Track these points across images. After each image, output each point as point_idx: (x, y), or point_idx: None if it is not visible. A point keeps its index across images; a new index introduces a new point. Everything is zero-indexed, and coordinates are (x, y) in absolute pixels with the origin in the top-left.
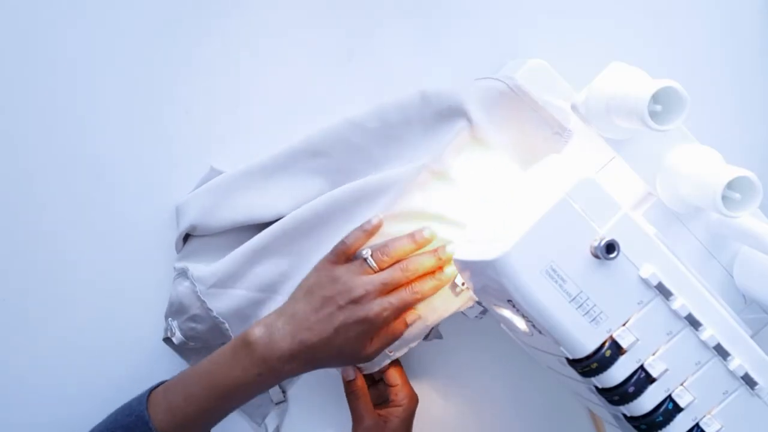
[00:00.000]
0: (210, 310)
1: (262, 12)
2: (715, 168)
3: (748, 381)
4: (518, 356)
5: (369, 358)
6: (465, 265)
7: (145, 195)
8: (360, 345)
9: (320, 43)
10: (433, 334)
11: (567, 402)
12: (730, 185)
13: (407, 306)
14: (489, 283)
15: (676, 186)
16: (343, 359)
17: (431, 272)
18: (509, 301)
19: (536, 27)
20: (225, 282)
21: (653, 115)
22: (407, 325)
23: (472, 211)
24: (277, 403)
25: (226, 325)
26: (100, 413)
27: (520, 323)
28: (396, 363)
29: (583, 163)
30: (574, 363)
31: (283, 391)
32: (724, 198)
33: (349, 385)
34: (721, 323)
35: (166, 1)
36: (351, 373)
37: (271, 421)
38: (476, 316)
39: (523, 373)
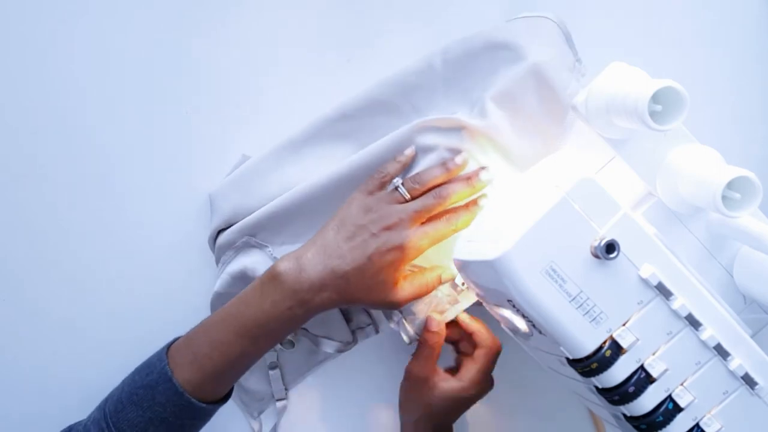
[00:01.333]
0: None
1: (262, 12)
2: (715, 168)
3: (748, 381)
4: (518, 356)
5: (399, 304)
6: (465, 265)
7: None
8: (391, 279)
9: (320, 43)
10: None
11: (567, 402)
12: (730, 185)
13: (442, 237)
14: (489, 282)
15: (676, 186)
16: (373, 295)
17: (465, 205)
18: (509, 301)
19: None
20: (291, 239)
21: (653, 115)
22: (441, 281)
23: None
24: (278, 400)
25: None
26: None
27: (520, 323)
28: (494, 344)
29: (583, 163)
30: (574, 363)
31: (286, 389)
32: (724, 198)
33: (428, 335)
34: (721, 323)
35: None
36: (435, 324)
37: (267, 418)
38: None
39: (523, 373)
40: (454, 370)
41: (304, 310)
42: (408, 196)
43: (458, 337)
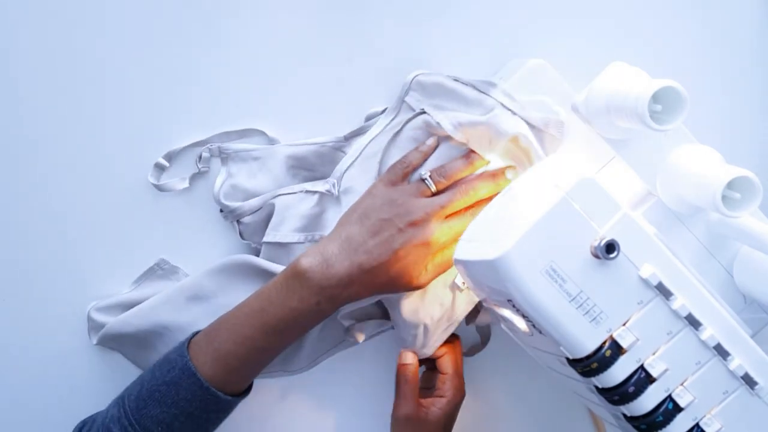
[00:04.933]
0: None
1: (261, 12)
2: (715, 168)
3: (748, 381)
4: (518, 356)
5: (422, 286)
6: (465, 265)
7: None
8: (417, 270)
9: (320, 43)
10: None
11: (567, 402)
12: (730, 185)
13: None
14: (489, 282)
15: (676, 186)
16: (399, 285)
17: (489, 199)
18: (509, 301)
19: (536, 27)
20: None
21: (653, 115)
22: None
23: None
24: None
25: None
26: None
27: (520, 323)
28: (454, 350)
29: (583, 163)
30: (574, 363)
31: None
32: (724, 198)
33: (402, 369)
34: (721, 323)
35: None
36: (409, 357)
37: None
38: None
39: (523, 373)
40: (429, 390)
41: (332, 304)
42: (434, 189)
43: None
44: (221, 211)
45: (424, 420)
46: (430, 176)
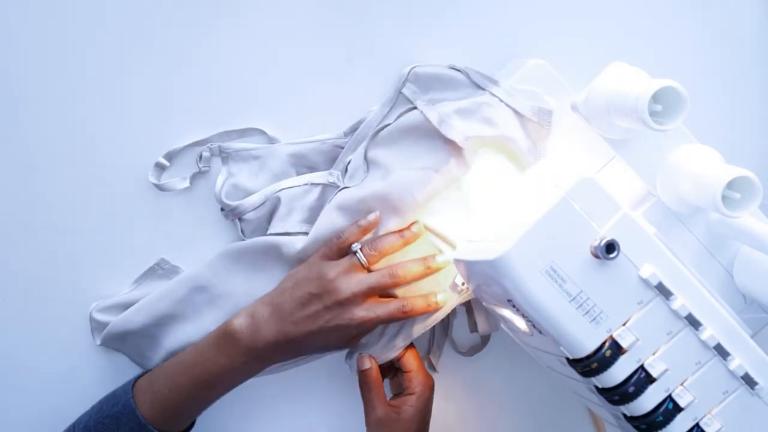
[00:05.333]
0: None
1: (261, 11)
2: (715, 168)
3: (748, 381)
4: (518, 356)
5: (352, 346)
6: (465, 265)
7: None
8: (342, 341)
9: (320, 43)
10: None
11: (567, 402)
12: (730, 185)
13: (392, 320)
14: (489, 282)
15: (676, 186)
16: (323, 351)
17: (424, 296)
18: (509, 301)
19: (536, 27)
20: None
21: (653, 115)
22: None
23: (463, 225)
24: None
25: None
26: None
27: (520, 323)
28: (411, 346)
29: (583, 163)
30: (574, 363)
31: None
32: (724, 198)
33: (362, 375)
34: (721, 323)
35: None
36: (366, 362)
37: None
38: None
39: (523, 373)
40: (399, 393)
41: (260, 364)
42: (366, 263)
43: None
44: (222, 210)
45: (397, 420)
46: (361, 249)
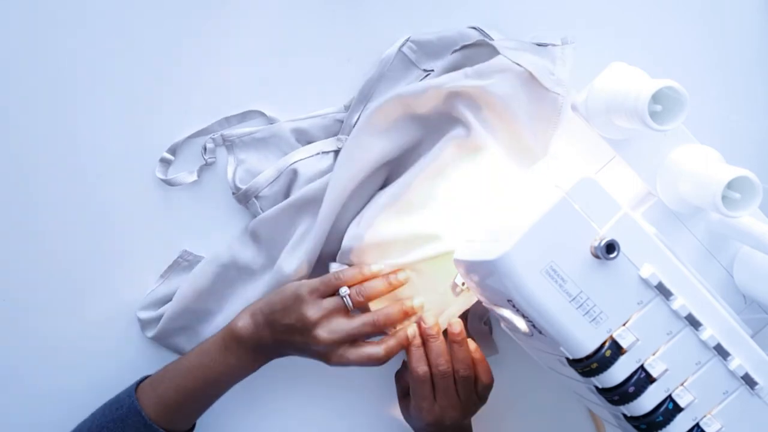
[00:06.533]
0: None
1: (261, 11)
2: (715, 168)
3: (748, 381)
4: (518, 356)
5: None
6: (465, 265)
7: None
8: (327, 360)
9: (320, 42)
10: (491, 349)
11: (567, 402)
12: (730, 185)
13: (364, 364)
14: (489, 282)
15: (676, 186)
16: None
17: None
18: (509, 301)
19: (536, 27)
20: None
21: (653, 115)
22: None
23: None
24: None
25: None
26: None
27: (520, 323)
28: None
29: (583, 163)
30: (574, 363)
31: None
32: (724, 198)
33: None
34: (721, 323)
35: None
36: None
37: None
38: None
39: (523, 373)
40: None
41: (266, 359)
42: (352, 308)
43: None
44: (234, 193)
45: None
46: (349, 295)
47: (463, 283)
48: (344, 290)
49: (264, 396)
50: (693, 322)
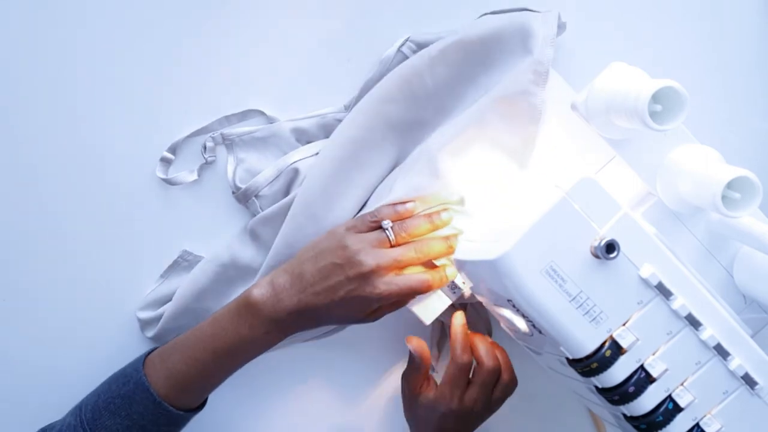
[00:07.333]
0: None
1: (261, 11)
2: (715, 168)
3: (748, 381)
4: (518, 356)
5: (374, 320)
6: (465, 265)
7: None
8: (362, 315)
9: (320, 42)
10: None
11: (567, 402)
12: (730, 185)
13: (412, 291)
14: (489, 282)
15: (676, 186)
16: (344, 323)
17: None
18: (509, 301)
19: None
20: None
21: (653, 115)
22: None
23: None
24: None
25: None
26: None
27: (520, 323)
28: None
29: (583, 163)
30: (574, 363)
31: None
32: (724, 198)
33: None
34: (721, 323)
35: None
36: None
37: None
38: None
39: (523, 373)
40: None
41: (281, 334)
42: (394, 241)
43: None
44: (233, 193)
45: (417, 398)
46: (392, 227)
47: (464, 283)
48: (387, 223)
49: (263, 393)
50: (693, 322)
